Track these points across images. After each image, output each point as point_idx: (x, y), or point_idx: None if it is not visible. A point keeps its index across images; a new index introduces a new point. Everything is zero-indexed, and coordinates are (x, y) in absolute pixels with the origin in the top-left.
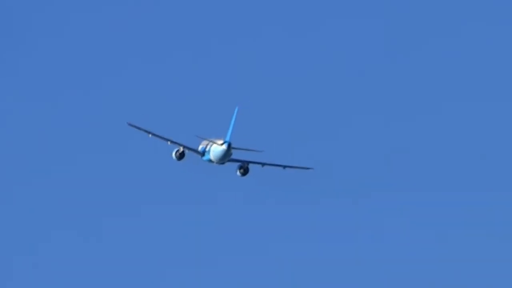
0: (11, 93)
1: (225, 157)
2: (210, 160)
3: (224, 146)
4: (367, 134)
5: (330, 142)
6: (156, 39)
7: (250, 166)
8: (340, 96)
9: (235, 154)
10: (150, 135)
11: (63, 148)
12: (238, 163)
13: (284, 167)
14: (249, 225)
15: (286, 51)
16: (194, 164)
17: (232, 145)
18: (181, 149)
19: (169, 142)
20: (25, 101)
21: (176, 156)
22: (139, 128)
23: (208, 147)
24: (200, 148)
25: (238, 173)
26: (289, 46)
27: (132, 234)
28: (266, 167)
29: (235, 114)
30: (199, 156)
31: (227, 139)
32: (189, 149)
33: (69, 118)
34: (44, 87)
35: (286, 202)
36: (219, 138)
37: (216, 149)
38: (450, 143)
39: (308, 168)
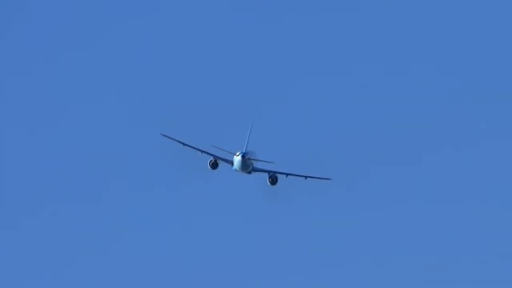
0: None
1: (245, 167)
2: (236, 170)
3: (239, 157)
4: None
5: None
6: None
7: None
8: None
9: (262, 165)
10: (183, 146)
11: (98, 156)
12: (268, 173)
13: (306, 177)
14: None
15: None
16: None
17: (249, 157)
18: (213, 159)
19: (200, 153)
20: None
21: (209, 166)
22: (172, 139)
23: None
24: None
25: (268, 182)
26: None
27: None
28: (289, 177)
29: (250, 128)
30: (230, 166)
31: (243, 151)
32: (221, 159)
33: (101, 127)
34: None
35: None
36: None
37: (236, 159)
38: None
39: (328, 179)
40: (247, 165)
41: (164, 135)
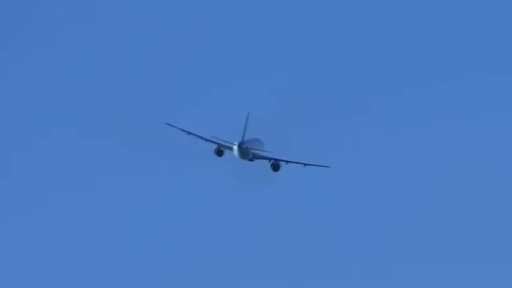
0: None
1: (243, 155)
2: (238, 158)
3: (236, 146)
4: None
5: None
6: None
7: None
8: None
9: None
10: (187, 135)
11: (109, 148)
12: (269, 161)
13: (304, 164)
14: None
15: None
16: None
17: (246, 146)
18: (218, 147)
19: (204, 141)
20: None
21: (215, 154)
22: (177, 128)
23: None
24: None
25: (270, 169)
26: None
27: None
28: (289, 164)
29: (247, 117)
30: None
31: (240, 140)
32: (225, 147)
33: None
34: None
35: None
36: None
37: (234, 148)
38: None
39: (326, 167)
40: (245, 154)
41: (169, 124)
